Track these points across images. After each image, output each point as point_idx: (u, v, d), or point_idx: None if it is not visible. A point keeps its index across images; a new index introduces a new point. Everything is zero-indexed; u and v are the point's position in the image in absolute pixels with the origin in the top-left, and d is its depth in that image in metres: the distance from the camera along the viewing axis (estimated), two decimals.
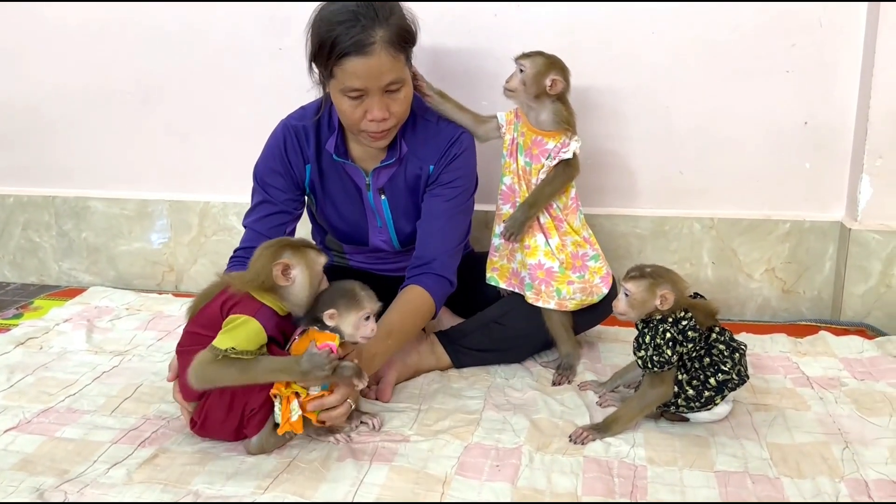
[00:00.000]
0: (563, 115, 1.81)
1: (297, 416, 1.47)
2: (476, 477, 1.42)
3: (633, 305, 1.54)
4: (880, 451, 1.49)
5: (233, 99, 2.41)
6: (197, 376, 1.42)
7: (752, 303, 2.29)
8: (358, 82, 1.65)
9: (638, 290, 1.53)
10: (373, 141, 1.76)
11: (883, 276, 2.13)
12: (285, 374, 1.46)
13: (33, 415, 1.67)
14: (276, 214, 1.85)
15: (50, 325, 2.16)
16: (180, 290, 2.56)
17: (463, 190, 1.86)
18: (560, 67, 1.80)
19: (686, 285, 1.58)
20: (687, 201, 2.27)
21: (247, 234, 1.87)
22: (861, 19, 2.07)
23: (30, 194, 2.64)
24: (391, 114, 1.70)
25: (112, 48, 2.45)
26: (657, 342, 1.51)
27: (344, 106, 1.70)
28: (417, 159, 1.85)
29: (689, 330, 1.51)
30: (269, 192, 1.86)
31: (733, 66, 2.15)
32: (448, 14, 2.18)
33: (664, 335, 1.50)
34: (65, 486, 1.40)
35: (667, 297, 1.51)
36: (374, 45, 1.62)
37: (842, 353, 1.94)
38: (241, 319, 1.44)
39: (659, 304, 1.52)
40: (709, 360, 1.54)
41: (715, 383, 1.53)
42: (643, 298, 1.53)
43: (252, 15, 2.32)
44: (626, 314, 1.56)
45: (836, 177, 2.20)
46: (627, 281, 1.55)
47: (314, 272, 1.51)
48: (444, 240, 1.84)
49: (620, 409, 1.59)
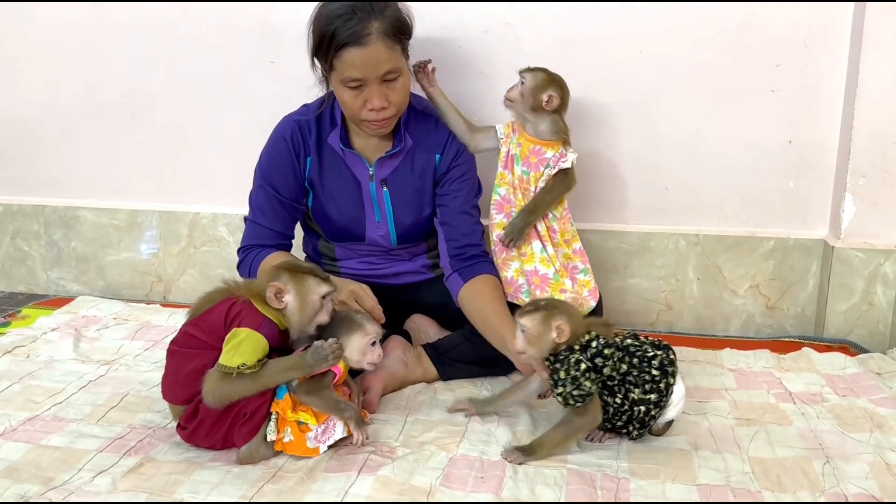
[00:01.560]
0: (561, 126, 1.86)
1: (290, 440, 1.51)
2: (461, 488, 1.43)
3: (530, 341, 1.52)
4: (861, 466, 1.50)
5: (223, 111, 2.43)
6: (214, 397, 1.46)
7: (736, 319, 2.31)
8: (356, 72, 1.73)
9: (533, 324, 1.51)
10: (374, 130, 1.83)
11: (865, 294, 2.15)
12: (294, 370, 1.50)
13: (19, 422, 1.67)
14: (281, 210, 1.92)
15: (37, 334, 2.16)
16: (169, 301, 2.56)
17: (472, 175, 1.97)
18: (559, 85, 1.85)
19: (579, 313, 1.58)
20: (673, 218, 2.30)
21: (250, 228, 1.93)
22: (845, 40, 2.10)
23: (19, 203, 2.65)
24: (390, 103, 1.78)
25: (103, 59, 2.46)
26: (573, 375, 1.48)
27: (345, 97, 1.78)
28: (424, 151, 1.92)
29: (604, 348, 1.50)
30: (273, 183, 1.91)
31: (719, 85, 2.17)
32: (439, 30, 2.20)
33: (578, 366, 1.48)
34: (49, 494, 1.40)
35: (562, 328, 1.50)
36: (371, 36, 1.71)
37: (824, 370, 1.95)
38: (244, 334, 1.47)
39: (556, 337, 1.50)
40: (636, 371, 1.52)
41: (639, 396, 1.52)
42: (539, 332, 1.51)
43: (243, 28, 2.34)
44: (526, 351, 1.53)
45: (820, 195, 2.22)
46: (521, 316, 1.53)
47: (308, 300, 1.53)
48: (475, 227, 1.94)
49: (546, 435, 1.55)
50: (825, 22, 2.10)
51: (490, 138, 1.94)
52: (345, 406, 1.53)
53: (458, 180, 1.94)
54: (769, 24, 2.11)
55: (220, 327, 1.50)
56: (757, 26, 2.12)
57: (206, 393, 1.46)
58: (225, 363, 1.45)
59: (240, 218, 2.43)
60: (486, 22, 2.21)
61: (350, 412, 1.53)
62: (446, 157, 1.93)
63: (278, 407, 1.51)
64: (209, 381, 1.46)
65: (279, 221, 1.93)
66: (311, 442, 1.52)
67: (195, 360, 1.51)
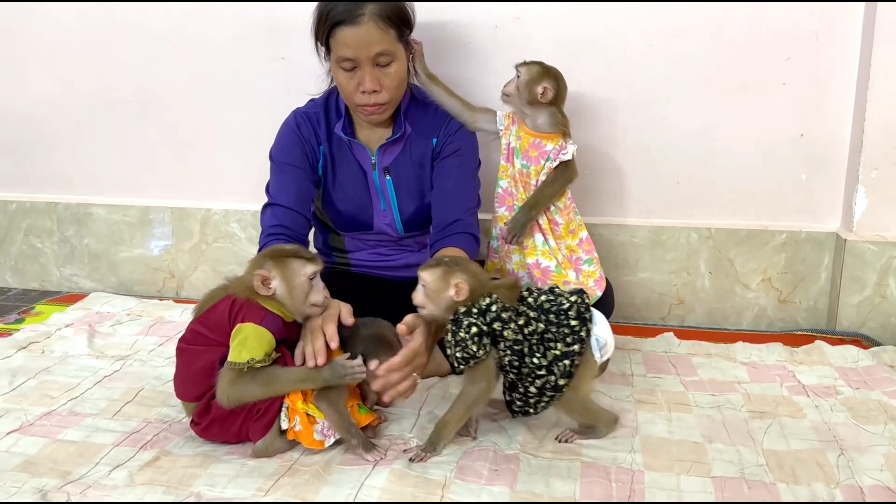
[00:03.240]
0: (559, 119, 1.85)
1: (300, 429, 1.51)
2: (475, 481, 1.43)
3: (429, 296, 1.50)
4: (875, 458, 1.50)
5: (234, 107, 2.44)
6: (228, 398, 1.46)
7: (748, 312, 2.30)
8: (349, 51, 1.78)
9: (432, 278, 1.50)
10: (368, 115, 1.87)
11: (878, 287, 2.15)
12: (308, 382, 1.50)
13: (35, 417, 1.68)
14: (302, 192, 1.91)
15: (51, 330, 2.18)
16: (181, 297, 2.58)
17: (469, 158, 1.97)
18: (554, 77, 1.85)
19: (486, 276, 1.55)
20: (684, 211, 2.30)
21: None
22: (857, 33, 2.10)
23: (32, 200, 2.66)
24: (383, 87, 1.82)
25: (114, 57, 2.48)
26: (460, 336, 1.46)
27: (340, 78, 1.84)
28: (421, 137, 1.95)
29: (502, 312, 1.47)
30: (287, 170, 1.92)
31: (730, 78, 2.17)
32: (449, 24, 2.21)
33: (469, 329, 1.45)
34: (67, 488, 1.41)
35: (460, 286, 1.47)
36: (363, 16, 1.77)
37: (837, 363, 1.95)
38: (248, 329, 1.47)
39: (454, 295, 1.48)
40: (554, 328, 1.50)
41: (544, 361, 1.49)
42: (437, 288, 1.49)
43: (253, 24, 2.35)
44: (424, 306, 1.51)
45: (832, 188, 2.22)
46: (422, 270, 1.52)
47: (296, 283, 1.52)
48: (461, 201, 1.92)
49: (447, 414, 1.53)
50: (836, 15, 2.10)
51: (489, 121, 1.95)
52: (355, 433, 1.51)
53: (450, 156, 1.94)
54: (780, 18, 2.11)
55: (224, 323, 1.50)
56: (768, 20, 2.12)
57: (219, 394, 1.47)
58: (234, 360, 1.46)
59: (251, 214, 2.46)
60: (496, 17, 2.21)
61: (357, 440, 1.51)
62: (441, 138, 1.95)
63: (288, 398, 1.52)
64: (222, 382, 1.46)
65: (302, 205, 1.89)
66: (317, 434, 1.52)
67: (204, 357, 1.52)
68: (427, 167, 1.96)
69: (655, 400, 1.76)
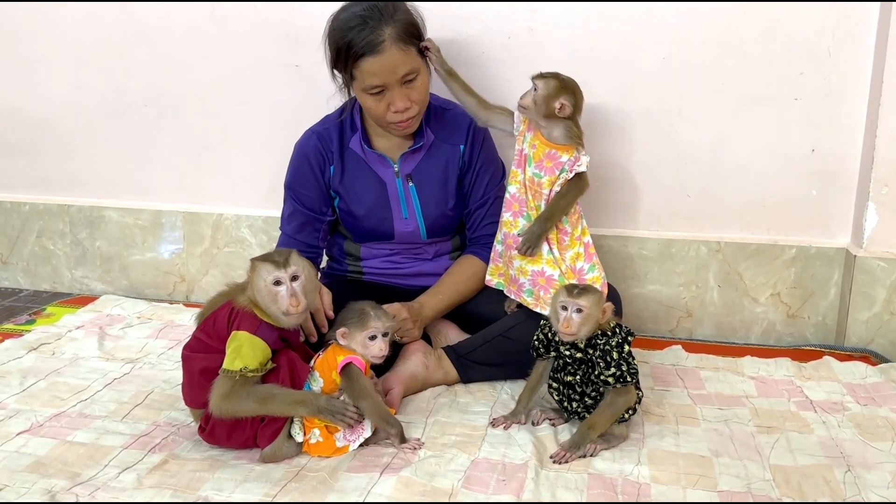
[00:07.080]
0: (575, 132, 1.85)
1: (316, 441, 1.53)
2: (482, 490, 1.44)
3: (585, 321, 1.56)
4: (882, 475, 1.50)
5: (248, 114, 2.45)
6: (219, 409, 1.47)
7: (757, 327, 2.30)
8: (376, 80, 1.80)
9: (589, 303, 1.56)
10: (401, 130, 1.90)
11: (887, 304, 2.15)
12: (303, 407, 1.51)
13: (45, 418, 1.69)
14: (307, 223, 2.01)
15: (62, 332, 2.19)
16: (191, 301, 2.59)
17: (501, 172, 2.06)
18: (571, 91, 1.83)
19: None
20: (694, 224, 2.30)
21: (281, 239, 2.05)
22: (869, 49, 2.10)
23: (45, 202, 2.68)
24: (413, 102, 1.85)
25: (130, 61, 2.50)
26: (624, 356, 1.57)
27: (369, 103, 1.85)
28: (446, 144, 1.99)
29: (629, 333, 1.61)
30: (299, 198, 1.99)
31: (742, 92, 2.17)
32: (463, 34, 2.22)
33: (621, 348, 1.57)
34: (76, 489, 1.42)
35: (606, 310, 1.59)
36: (385, 43, 1.77)
37: (845, 379, 1.95)
38: (243, 338, 1.48)
39: (600, 317, 1.58)
40: None
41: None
42: (594, 313, 1.57)
43: (268, 31, 2.36)
44: (579, 333, 1.57)
45: (843, 204, 2.22)
46: (579, 297, 1.56)
47: (258, 288, 1.48)
48: (491, 218, 2.01)
49: (593, 418, 1.58)
50: (849, 30, 2.10)
51: (504, 121, 1.94)
52: (393, 422, 1.56)
53: (480, 170, 2.02)
54: (793, 33, 2.12)
55: (223, 331, 1.51)
56: (781, 34, 2.12)
57: (212, 404, 1.46)
58: (227, 367, 1.46)
59: (262, 219, 2.48)
60: (510, 27, 2.22)
61: (396, 429, 1.56)
62: (469, 146, 2.00)
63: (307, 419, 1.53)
64: (216, 392, 1.46)
65: (305, 234, 2.01)
66: (340, 441, 1.54)
67: (206, 364, 1.53)
68: (452, 174, 1.99)
69: (663, 413, 1.77)
